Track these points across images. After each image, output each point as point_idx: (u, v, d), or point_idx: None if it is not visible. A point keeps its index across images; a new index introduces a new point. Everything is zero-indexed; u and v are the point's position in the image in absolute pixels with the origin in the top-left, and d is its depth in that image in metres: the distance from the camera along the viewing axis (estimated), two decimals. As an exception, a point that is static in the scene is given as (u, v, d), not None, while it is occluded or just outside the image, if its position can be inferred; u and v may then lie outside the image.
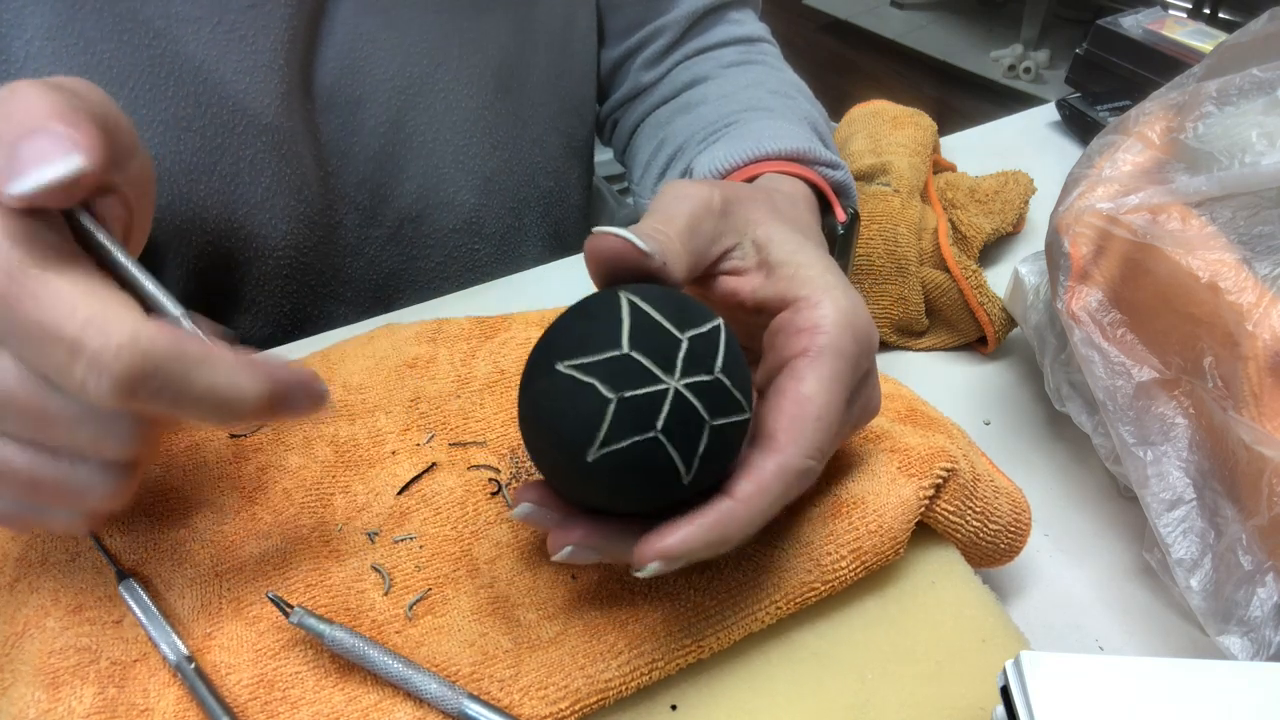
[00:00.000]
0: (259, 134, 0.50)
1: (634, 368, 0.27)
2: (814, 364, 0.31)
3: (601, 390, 0.27)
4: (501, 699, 0.31)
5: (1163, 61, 0.77)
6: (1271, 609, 0.36)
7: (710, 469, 0.29)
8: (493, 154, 0.60)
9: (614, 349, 0.28)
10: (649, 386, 0.27)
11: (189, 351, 0.26)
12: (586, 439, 0.27)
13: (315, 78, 0.52)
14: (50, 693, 0.31)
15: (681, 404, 0.28)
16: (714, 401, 0.28)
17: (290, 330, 0.59)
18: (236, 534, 0.37)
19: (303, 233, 0.55)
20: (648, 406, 0.27)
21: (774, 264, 0.34)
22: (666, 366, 0.28)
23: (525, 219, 0.65)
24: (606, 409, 0.27)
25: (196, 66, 0.47)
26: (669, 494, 0.28)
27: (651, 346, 0.28)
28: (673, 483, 0.28)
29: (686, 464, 0.28)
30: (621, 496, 0.29)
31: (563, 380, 0.28)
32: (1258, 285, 0.37)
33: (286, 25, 0.48)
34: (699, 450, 0.28)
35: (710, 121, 0.55)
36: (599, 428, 0.27)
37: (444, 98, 0.56)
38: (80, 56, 0.45)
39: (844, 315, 0.32)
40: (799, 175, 0.46)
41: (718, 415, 0.28)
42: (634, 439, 0.27)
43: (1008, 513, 0.39)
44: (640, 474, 0.28)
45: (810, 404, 0.30)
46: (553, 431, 0.28)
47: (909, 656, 0.35)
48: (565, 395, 0.28)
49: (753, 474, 0.29)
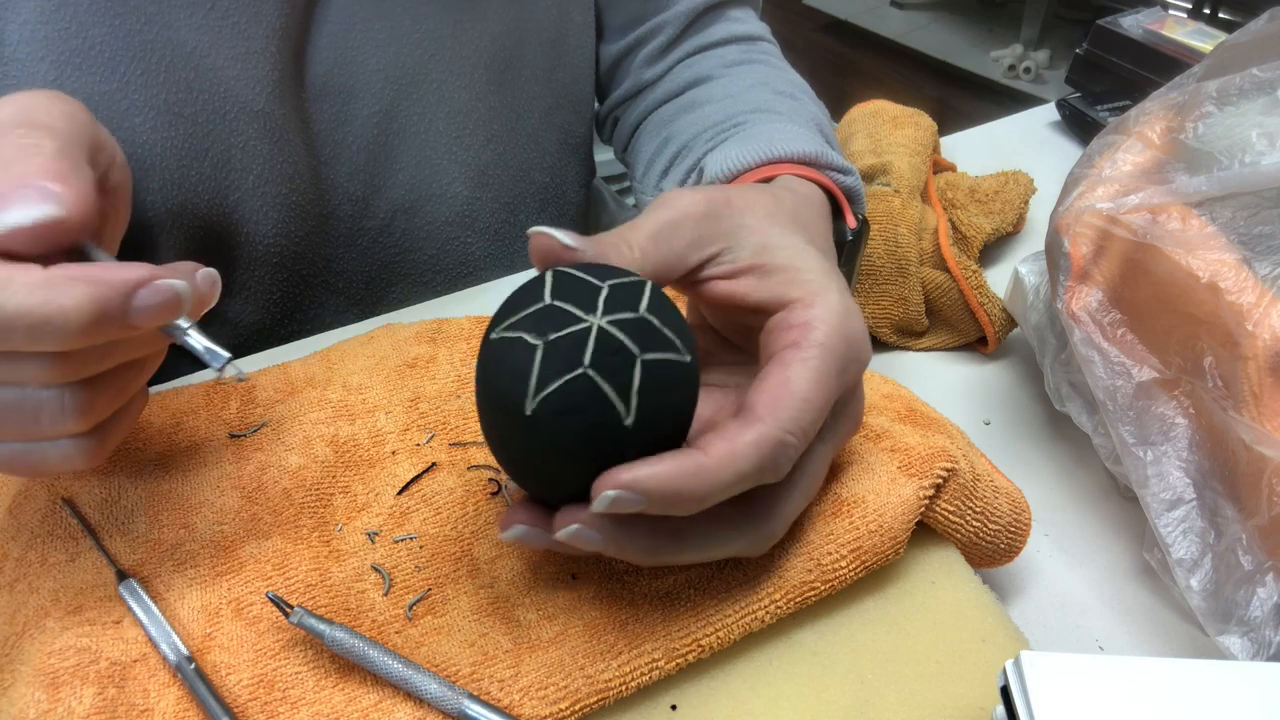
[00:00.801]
0: (250, 121, 0.50)
1: (557, 314, 0.28)
2: (800, 353, 0.31)
3: (528, 339, 0.28)
4: (501, 699, 0.31)
5: (1163, 61, 0.77)
6: (1271, 609, 0.36)
7: (655, 414, 0.28)
8: (486, 146, 0.60)
9: (537, 303, 0.29)
10: (572, 326, 0.28)
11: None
12: (521, 390, 0.28)
13: (308, 66, 0.52)
14: (50, 693, 0.31)
15: (607, 338, 0.28)
16: (642, 337, 0.28)
17: (281, 319, 0.59)
18: (236, 534, 0.37)
19: (294, 221, 0.55)
20: (574, 345, 0.28)
21: (773, 267, 0.34)
22: (588, 308, 0.29)
23: (519, 214, 0.65)
24: (534, 355, 0.28)
25: (188, 53, 0.47)
26: (615, 443, 0.28)
27: (573, 296, 0.29)
28: (615, 424, 0.28)
29: (624, 400, 0.28)
30: (570, 454, 0.28)
31: (495, 344, 0.29)
32: (1258, 285, 0.37)
33: (279, 13, 0.49)
34: (634, 384, 0.28)
35: (717, 121, 0.54)
36: (530, 375, 0.28)
37: (437, 89, 0.56)
38: (72, 41, 0.45)
39: (837, 317, 0.32)
40: (812, 179, 0.46)
41: (648, 350, 0.28)
42: (565, 378, 0.28)
43: (1008, 512, 0.39)
44: (579, 417, 0.28)
45: (792, 384, 0.30)
46: (492, 395, 0.29)
47: (909, 656, 0.35)
48: (497, 359, 0.29)
49: (727, 436, 0.29)
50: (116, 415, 0.33)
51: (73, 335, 0.28)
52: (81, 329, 0.28)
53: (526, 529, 0.30)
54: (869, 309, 0.55)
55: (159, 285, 0.29)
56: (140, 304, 0.29)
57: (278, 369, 0.44)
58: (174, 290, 0.30)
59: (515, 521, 0.31)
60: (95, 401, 0.31)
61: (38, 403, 0.30)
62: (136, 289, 0.29)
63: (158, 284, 0.29)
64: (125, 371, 0.32)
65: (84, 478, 0.38)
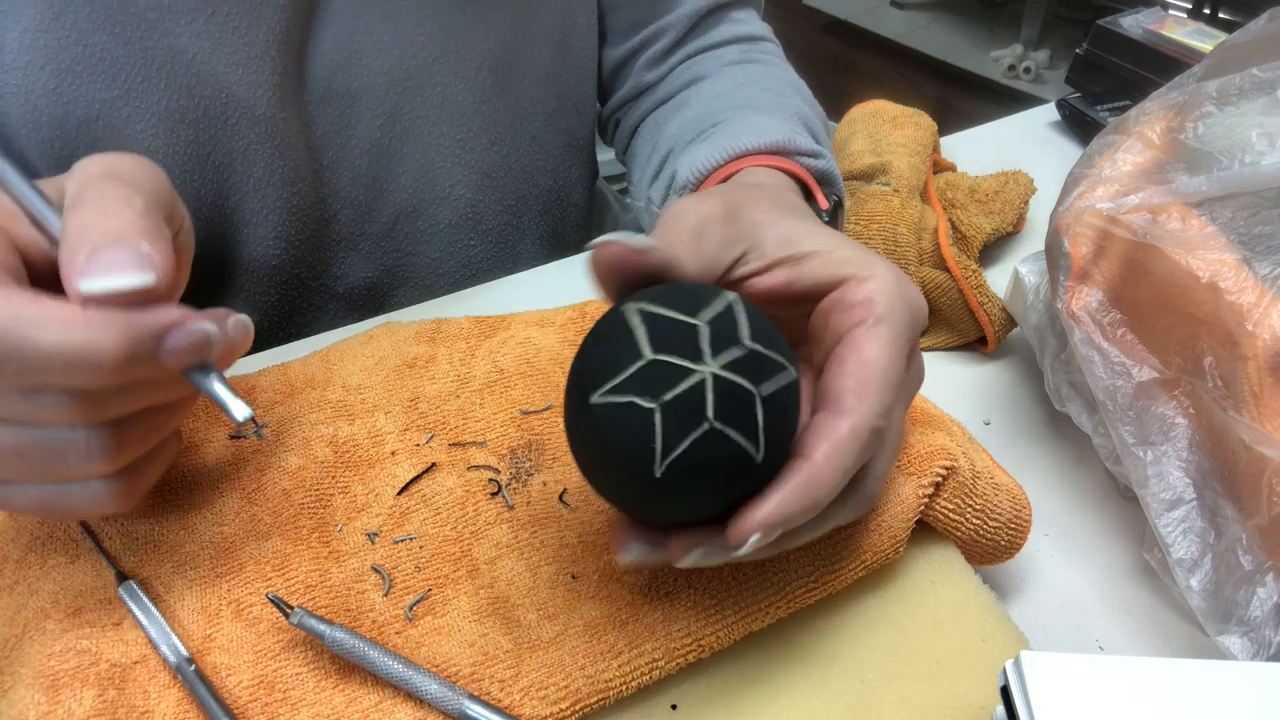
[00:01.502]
0: (251, 126, 0.50)
1: (664, 370, 0.27)
2: (872, 331, 0.31)
3: (641, 404, 0.26)
4: (502, 699, 0.31)
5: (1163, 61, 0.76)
6: (1271, 609, 0.36)
7: (777, 439, 0.28)
8: (490, 149, 0.60)
9: (637, 360, 0.27)
10: (685, 381, 0.27)
11: (25, 314, 0.27)
12: (648, 457, 0.26)
13: (309, 70, 0.52)
14: (50, 695, 0.31)
15: (724, 386, 0.27)
16: (756, 371, 0.27)
17: (281, 323, 0.59)
18: (236, 535, 0.37)
19: (295, 226, 0.55)
20: (693, 401, 0.26)
21: (803, 254, 0.33)
22: (695, 356, 0.27)
23: (523, 216, 0.65)
24: (654, 420, 0.26)
25: (189, 59, 0.47)
26: (747, 478, 0.28)
27: (673, 343, 0.27)
28: (748, 465, 0.27)
29: (753, 441, 0.27)
30: (703, 498, 0.28)
31: (600, 410, 0.27)
32: (1258, 285, 0.37)
33: (280, 17, 0.48)
34: (760, 424, 0.27)
35: (697, 122, 0.55)
36: (654, 441, 0.26)
37: (440, 91, 0.56)
38: (72, 49, 0.45)
39: (894, 287, 0.32)
40: (778, 167, 0.46)
41: (764, 383, 0.27)
42: (693, 437, 0.26)
43: (1008, 509, 0.39)
44: (713, 470, 0.27)
45: (873, 366, 0.30)
46: (612, 465, 0.28)
47: (909, 656, 0.35)
48: (610, 424, 0.27)
49: (826, 435, 0.29)
50: (147, 459, 0.34)
51: (106, 373, 0.28)
52: (114, 367, 0.28)
53: (646, 549, 0.30)
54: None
55: (191, 328, 0.30)
56: (171, 345, 0.29)
57: (277, 369, 0.44)
58: (205, 333, 0.30)
59: (631, 542, 0.30)
60: (123, 443, 0.31)
61: (65, 443, 0.30)
62: (169, 330, 0.29)
63: (190, 326, 0.30)
64: (153, 415, 0.33)
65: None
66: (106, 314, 0.28)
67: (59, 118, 0.46)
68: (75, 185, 0.31)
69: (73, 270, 0.28)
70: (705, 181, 0.48)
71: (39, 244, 0.32)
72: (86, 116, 0.46)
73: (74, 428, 0.30)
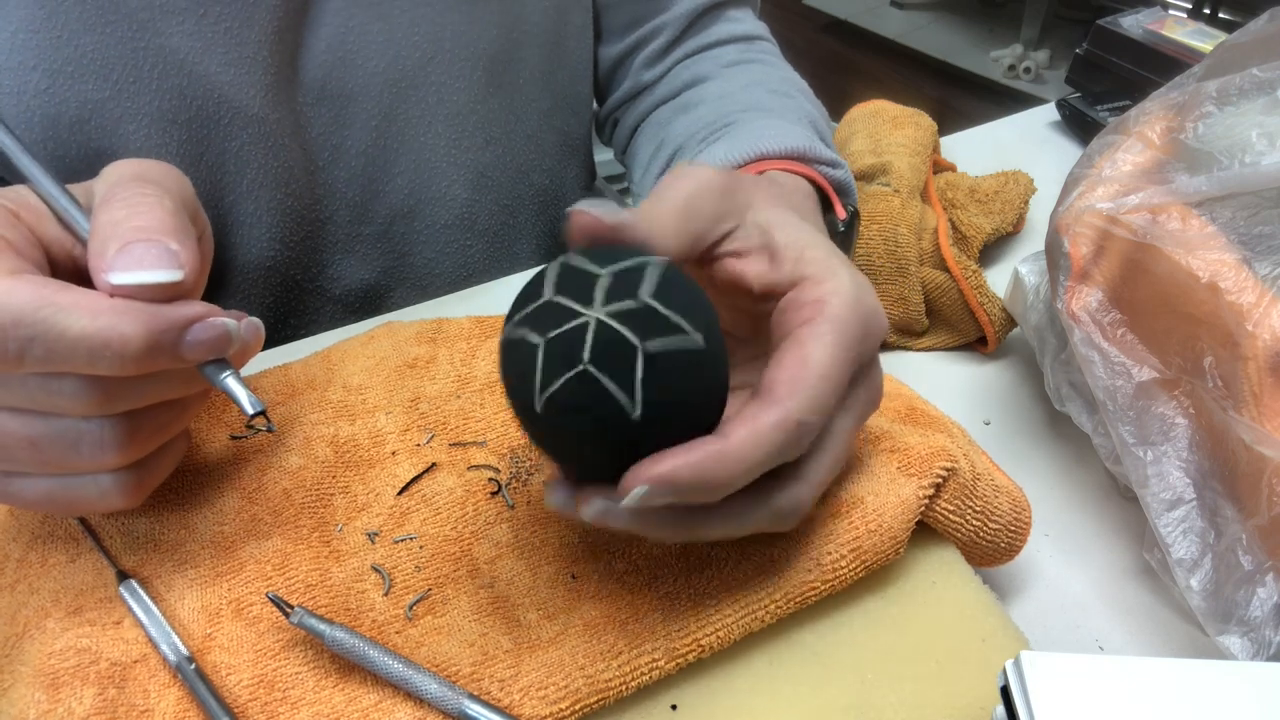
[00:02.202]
0: (244, 126, 0.50)
1: (556, 310, 0.28)
2: (816, 329, 0.30)
3: (530, 338, 0.28)
4: (502, 699, 0.31)
5: (1163, 61, 0.76)
6: (1271, 609, 0.36)
7: (665, 403, 0.28)
8: (486, 149, 0.60)
9: (538, 300, 0.29)
10: (571, 322, 0.28)
11: (54, 300, 0.28)
12: (529, 389, 0.28)
13: (303, 70, 0.52)
14: (50, 694, 0.31)
15: (607, 332, 0.27)
16: (645, 326, 0.28)
17: (279, 325, 0.59)
18: (237, 534, 0.37)
19: (290, 227, 0.55)
20: (573, 341, 0.27)
21: (779, 247, 0.33)
22: (587, 301, 0.28)
23: (519, 216, 0.65)
24: (537, 354, 0.28)
25: (181, 59, 0.47)
26: (623, 434, 0.28)
27: (573, 289, 0.28)
28: (624, 420, 0.27)
29: (628, 394, 0.27)
30: (584, 445, 0.28)
31: (504, 345, 0.29)
32: (1258, 285, 0.37)
33: (273, 17, 0.48)
34: (637, 376, 0.27)
35: (710, 121, 0.55)
36: (535, 374, 0.28)
37: (435, 91, 0.56)
38: (63, 49, 0.45)
39: (849, 291, 0.32)
40: (800, 173, 0.46)
41: (652, 340, 0.28)
42: (564, 376, 0.27)
43: (1008, 511, 0.39)
44: (583, 413, 0.28)
45: (811, 361, 0.30)
46: (509, 392, 0.29)
47: (909, 656, 0.35)
48: (509, 354, 0.29)
49: (748, 420, 0.29)
50: (156, 456, 0.34)
51: (129, 362, 0.29)
52: (137, 356, 0.29)
53: (564, 496, 0.30)
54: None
55: (213, 322, 0.31)
56: (193, 339, 0.30)
57: (278, 370, 0.44)
58: (226, 328, 0.31)
59: (557, 489, 0.31)
60: (135, 436, 0.32)
61: (78, 433, 0.31)
62: (192, 324, 0.30)
63: (212, 321, 0.31)
64: (166, 411, 0.33)
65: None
66: (132, 305, 0.29)
67: (51, 118, 0.46)
68: (104, 186, 0.32)
69: (102, 263, 0.29)
70: None
71: (64, 244, 0.33)
72: (79, 117, 0.46)
73: (89, 418, 0.31)
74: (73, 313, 0.28)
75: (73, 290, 0.29)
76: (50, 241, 0.32)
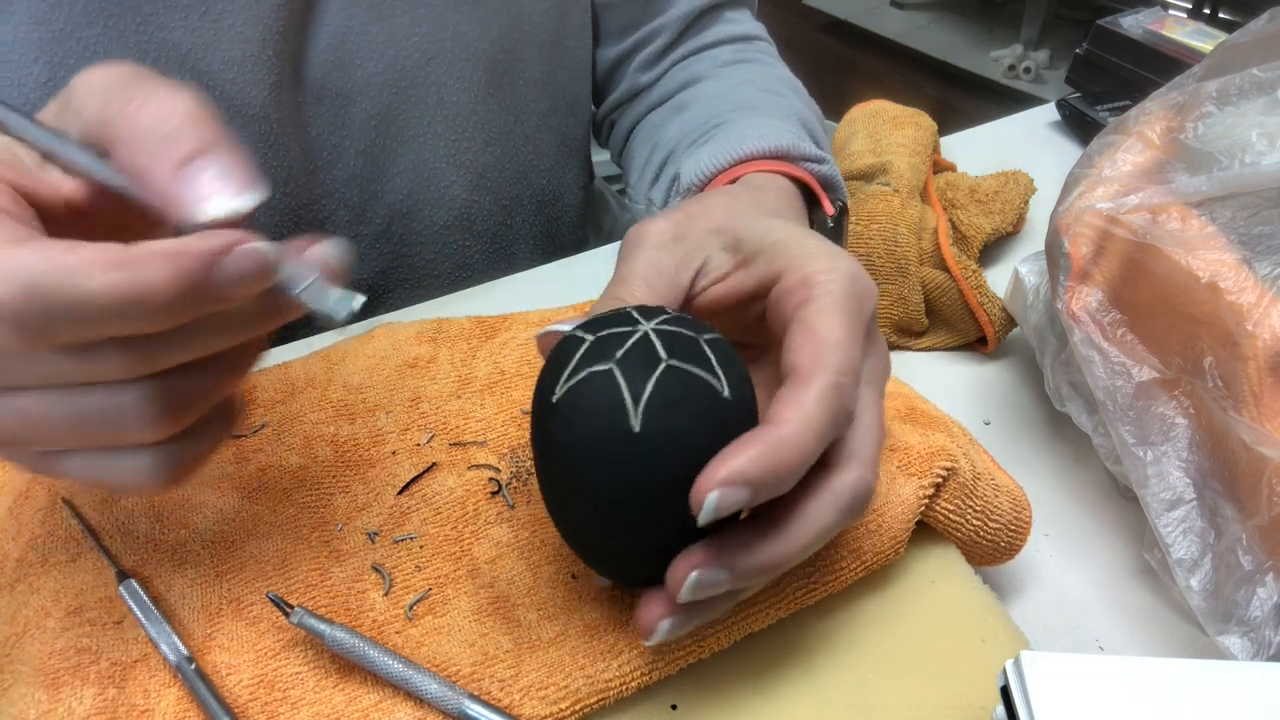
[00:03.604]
0: (245, 124, 0.50)
1: (608, 340, 0.29)
2: (814, 305, 0.31)
3: (599, 369, 0.28)
4: (502, 699, 0.31)
5: (1163, 61, 0.76)
6: (1271, 609, 0.36)
7: (737, 378, 0.28)
8: (485, 149, 0.60)
9: (581, 346, 0.29)
10: (631, 338, 0.28)
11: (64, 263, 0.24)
12: (557, 378, 0.28)
13: (305, 70, 0.52)
14: (50, 693, 0.31)
15: (665, 334, 0.28)
16: (679, 347, 0.28)
17: None
18: (237, 534, 0.37)
19: (289, 226, 0.55)
20: (643, 350, 0.28)
21: (751, 254, 0.34)
22: (631, 323, 0.29)
23: (517, 217, 0.65)
24: (579, 348, 0.29)
25: (183, 55, 0.47)
26: (620, 442, 0.27)
27: (608, 325, 0.29)
28: (622, 425, 0.27)
29: (635, 398, 0.27)
30: (575, 439, 0.28)
31: (565, 397, 0.28)
32: (1258, 285, 0.37)
33: (276, 16, 0.48)
34: (648, 385, 0.27)
35: (699, 124, 0.55)
36: (569, 365, 0.28)
37: (435, 92, 0.56)
38: (66, 42, 0.45)
39: (829, 261, 0.32)
40: (782, 172, 0.46)
41: (676, 358, 0.28)
42: (591, 369, 0.28)
43: (1008, 510, 0.39)
44: (591, 411, 0.28)
45: (822, 332, 0.30)
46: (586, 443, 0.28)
47: (909, 656, 0.35)
48: (577, 399, 0.28)
49: (789, 401, 0.28)
50: (201, 428, 0.30)
51: (162, 313, 0.25)
52: (169, 305, 0.25)
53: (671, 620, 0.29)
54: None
55: (244, 250, 0.26)
56: (227, 271, 0.26)
57: (278, 369, 0.44)
58: (262, 254, 0.27)
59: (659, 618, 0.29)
60: (179, 401, 0.28)
61: (117, 404, 0.27)
62: (220, 256, 0.26)
63: (243, 248, 0.26)
64: (210, 370, 0.29)
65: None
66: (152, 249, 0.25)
67: None
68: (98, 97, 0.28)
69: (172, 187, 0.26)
70: (710, 184, 0.48)
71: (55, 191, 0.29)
72: None
73: (127, 386, 0.27)
74: (89, 272, 0.24)
75: (80, 247, 0.25)
76: (37, 193, 0.28)
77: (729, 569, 0.28)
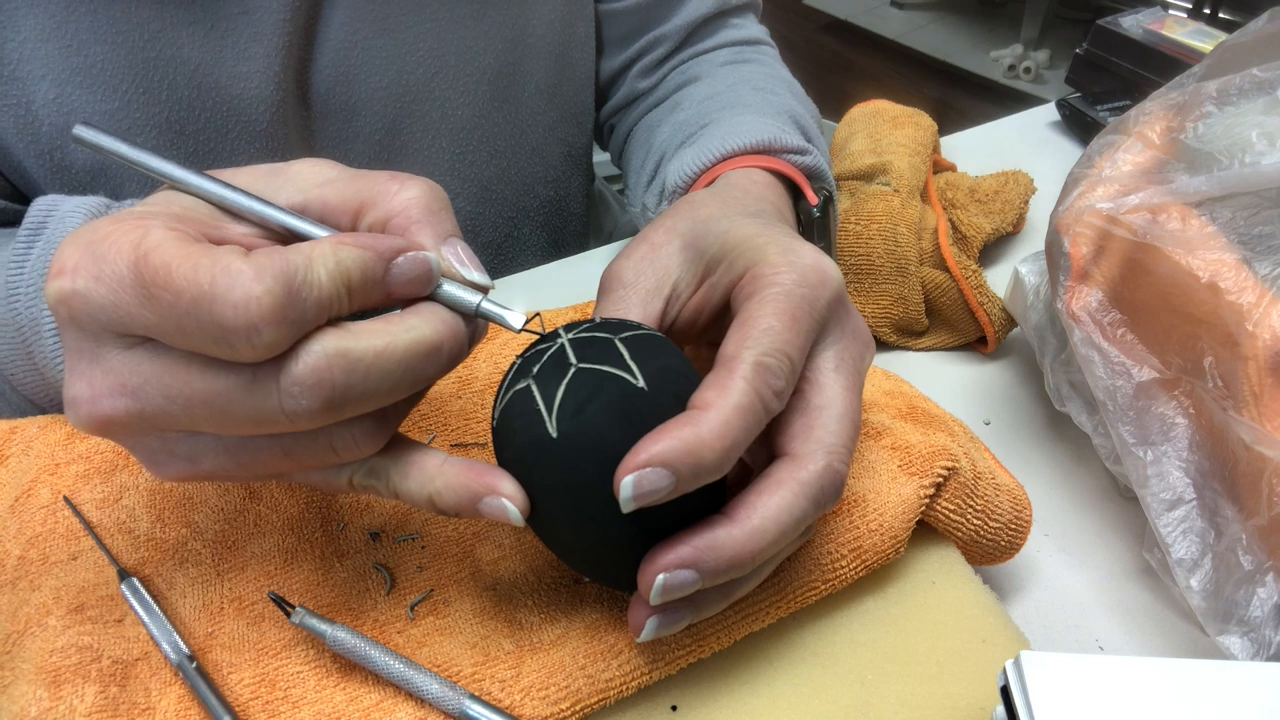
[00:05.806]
0: (252, 140, 0.50)
1: (530, 359, 0.30)
2: (756, 296, 0.31)
3: (518, 387, 0.29)
4: (502, 699, 0.31)
5: (1163, 61, 0.77)
6: (1271, 609, 0.36)
7: (657, 369, 0.29)
8: (490, 163, 0.60)
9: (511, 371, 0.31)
10: (547, 353, 0.30)
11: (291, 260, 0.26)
12: (539, 422, 0.28)
13: (310, 85, 0.52)
14: (52, 691, 0.31)
15: (580, 340, 0.29)
16: (590, 350, 0.29)
17: None
18: (238, 533, 0.37)
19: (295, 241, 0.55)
20: (556, 359, 0.29)
21: (713, 263, 0.34)
22: (552, 338, 0.30)
23: (523, 228, 0.65)
24: (511, 372, 0.30)
25: (191, 71, 0.47)
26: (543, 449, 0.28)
27: (536, 346, 0.30)
28: (541, 433, 0.28)
29: (548, 405, 0.28)
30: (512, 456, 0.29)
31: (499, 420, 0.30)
32: (1258, 285, 0.37)
33: (282, 31, 0.48)
34: (559, 391, 0.28)
35: (689, 124, 0.55)
36: (536, 403, 0.29)
37: (440, 106, 0.56)
38: (73, 59, 0.44)
39: (774, 255, 0.32)
40: (765, 166, 0.46)
41: (586, 360, 0.28)
42: (516, 387, 0.29)
43: (1008, 510, 0.39)
44: (515, 423, 0.29)
45: (751, 319, 0.30)
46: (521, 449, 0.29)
47: (909, 656, 0.35)
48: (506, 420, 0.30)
49: (710, 385, 0.28)
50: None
51: (355, 298, 0.27)
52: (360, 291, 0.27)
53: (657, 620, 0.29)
54: (869, 308, 0.55)
55: (414, 256, 0.28)
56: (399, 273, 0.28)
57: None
58: (429, 262, 0.29)
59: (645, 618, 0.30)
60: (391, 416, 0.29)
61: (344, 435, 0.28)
62: (397, 256, 0.28)
63: (413, 255, 0.28)
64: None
65: (87, 476, 0.38)
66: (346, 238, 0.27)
67: (59, 128, 0.46)
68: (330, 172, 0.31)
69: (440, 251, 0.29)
70: (693, 185, 0.48)
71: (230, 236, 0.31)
72: None
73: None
74: (316, 261, 0.26)
75: (299, 246, 0.27)
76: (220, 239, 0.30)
77: (694, 567, 0.28)
